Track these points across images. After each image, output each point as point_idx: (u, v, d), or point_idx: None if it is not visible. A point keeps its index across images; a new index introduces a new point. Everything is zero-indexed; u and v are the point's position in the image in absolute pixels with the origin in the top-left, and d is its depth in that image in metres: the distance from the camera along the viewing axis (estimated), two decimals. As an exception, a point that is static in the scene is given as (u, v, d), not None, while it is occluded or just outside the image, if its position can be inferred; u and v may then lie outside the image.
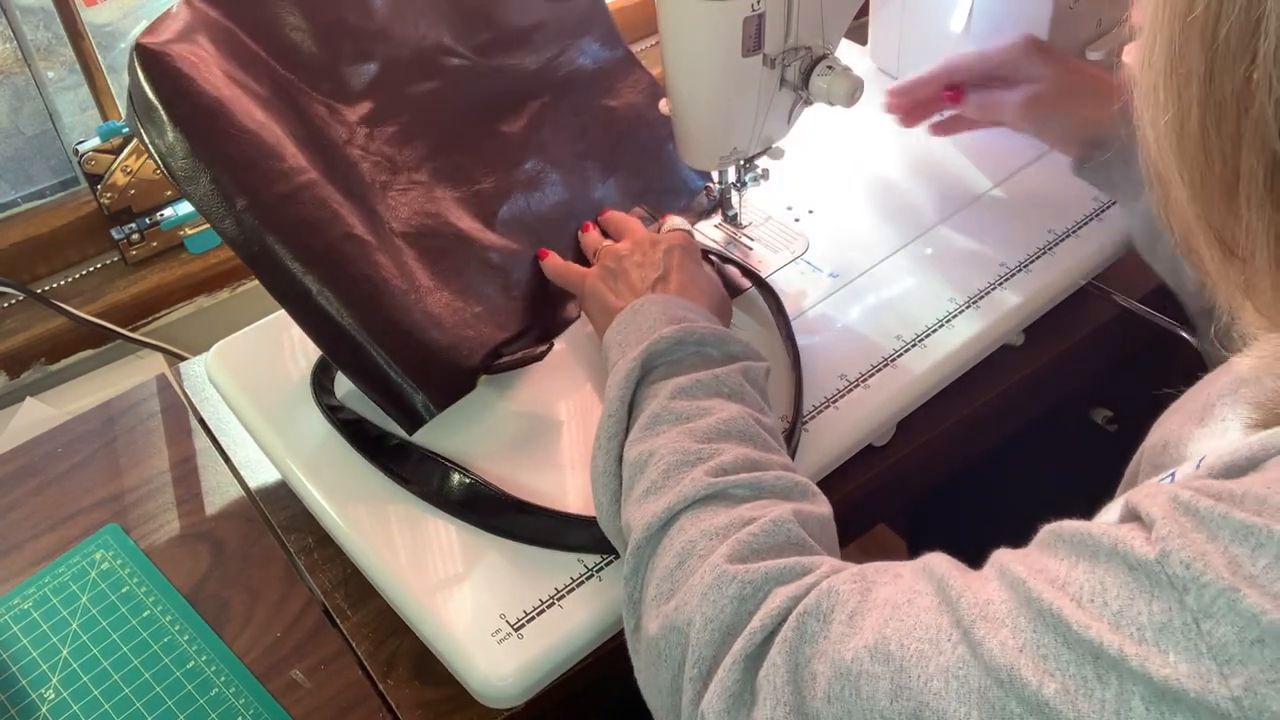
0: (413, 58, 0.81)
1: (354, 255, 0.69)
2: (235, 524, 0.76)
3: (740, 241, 0.86)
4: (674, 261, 0.72)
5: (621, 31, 0.91)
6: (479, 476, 0.69)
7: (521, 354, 0.74)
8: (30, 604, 0.71)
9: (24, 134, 1.01)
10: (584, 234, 0.83)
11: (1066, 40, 0.91)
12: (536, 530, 0.67)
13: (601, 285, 0.73)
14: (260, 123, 0.69)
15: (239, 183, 0.66)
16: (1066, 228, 0.84)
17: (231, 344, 0.81)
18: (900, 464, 0.76)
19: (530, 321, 0.78)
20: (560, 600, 0.64)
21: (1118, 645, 0.36)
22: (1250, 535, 0.35)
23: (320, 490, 0.71)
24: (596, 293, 0.73)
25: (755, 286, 0.81)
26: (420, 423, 0.70)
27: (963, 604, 0.42)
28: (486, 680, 0.61)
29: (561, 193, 0.84)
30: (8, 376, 0.95)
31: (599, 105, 0.89)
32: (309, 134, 0.73)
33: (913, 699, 0.41)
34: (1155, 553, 0.37)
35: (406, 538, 0.68)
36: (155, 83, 0.66)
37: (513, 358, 0.73)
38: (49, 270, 0.99)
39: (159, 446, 0.82)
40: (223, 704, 0.66)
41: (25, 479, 0.80)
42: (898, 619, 0.44)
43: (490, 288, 0.77)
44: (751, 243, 0.86)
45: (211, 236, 1.01)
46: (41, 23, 0.95)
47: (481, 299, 0.76)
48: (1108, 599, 0.37)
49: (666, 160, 0.89)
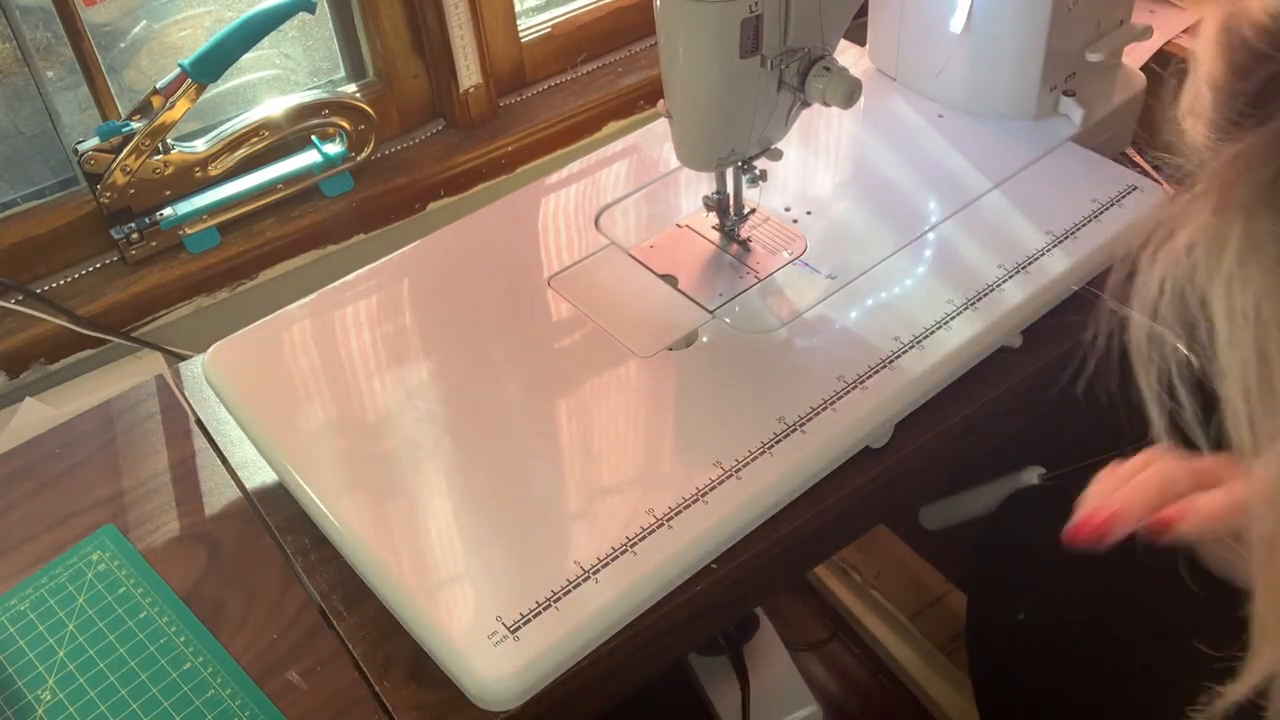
0: None
1: None
2: (232, 525, 0.76)
3: (738, 243, 0.86)
4: None
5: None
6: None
7: None
8: (27, 605, 0.71)
9: (23, 134, 1.01)
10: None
11: (1066, 42, 0.90)
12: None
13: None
14: None
15: None
16: (1065, 229, 0.84)
17: (228, 345, 0.81)
18: (898, 466, 0.76)
19: None
20: (557, 602, 0.64)
21: None
22: None
23: (316, 492, 0.71)
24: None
25: None
26: None
27: None
28: (483, 683, 0.61)
29: None
30: (7, 376, 0.95)
31: None
32: None
33: None
34: None
35: (403, 540, 0.68)
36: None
37: None
38: (48, 270, 0.99)
39: (157, 447, 0.82)
40: (219, 705, 0.66)
41: (22, 480, 0.80)
42: None
43: None
44: (749, 244, 0.86)
45: (211, 236, 1.01)
46: (41, 23, 0.95)
47: None
48: None
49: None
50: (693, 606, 0.68)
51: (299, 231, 1.04)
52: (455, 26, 1.07)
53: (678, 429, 0.74)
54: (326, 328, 0.82)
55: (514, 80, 1.18)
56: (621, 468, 0.71)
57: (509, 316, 0.82)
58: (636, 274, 0.85)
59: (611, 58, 1.22)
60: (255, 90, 1.07)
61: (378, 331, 0.81)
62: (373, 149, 1.07)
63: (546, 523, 0.68)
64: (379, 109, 1.08)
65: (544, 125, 1.15)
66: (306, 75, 1.12)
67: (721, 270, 0.85)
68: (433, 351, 0.80)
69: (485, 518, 0.69)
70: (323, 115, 1.04)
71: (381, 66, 1.10)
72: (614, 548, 0.66)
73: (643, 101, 1.19)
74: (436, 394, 0.76)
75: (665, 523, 0.67)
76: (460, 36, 1.08)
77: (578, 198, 0.93)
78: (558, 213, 0.92)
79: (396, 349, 0.80)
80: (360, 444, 0.73)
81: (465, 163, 1.12)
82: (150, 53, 1.03)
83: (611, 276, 0.85)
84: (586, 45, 1.20)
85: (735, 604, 0.75)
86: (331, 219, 1.06)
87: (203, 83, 0.95)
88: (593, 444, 0.73)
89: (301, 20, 1.05)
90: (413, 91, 1.12)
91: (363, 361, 0.79)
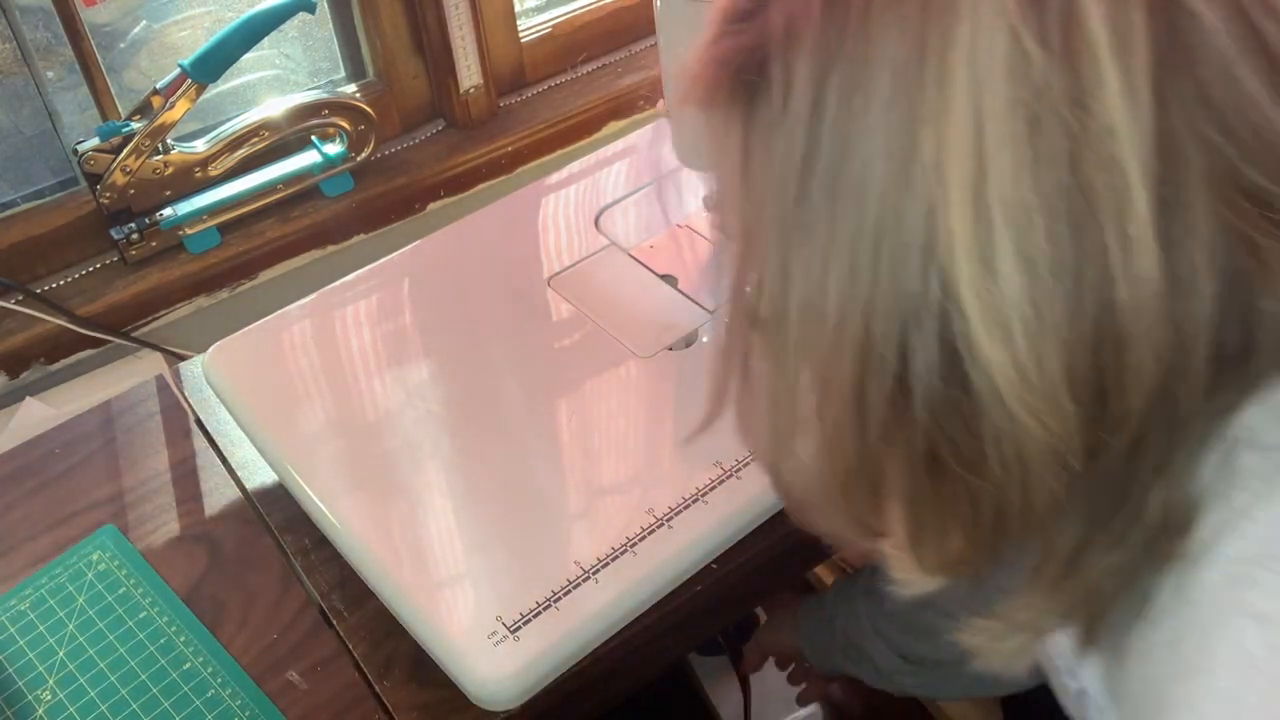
0: None
1: None
2: (233, 525, 0.76)
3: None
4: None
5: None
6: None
7: None
8: (27, 605, 0.71)
9: (23, 134, 1.01)
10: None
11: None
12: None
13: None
14: None
15: None
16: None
17: (228, 345, 0.81)
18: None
19: None
20: (557, 602, 0.64)
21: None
22: None
23: (316, 492, 0.71)
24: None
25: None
26: None
27: None
28: (483, 683, 0.61)
29: None
30: (7, 376, 0.95)
31: None
32: None
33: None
34: None
35: (403, 539, 0.68)
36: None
37: None
38: (48, 270, 0.99)
39: (157, 447, 0.82)
40: (219, 705, 0.66)
41: (23, 480, 0.80)
42: None
43: None
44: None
45: (211, 236, 1.01)
46: (41, 23, 0.95)
47: None
48: None
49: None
50: (693, 606, 0.68)
51: (299, 231, 1.04)
52: (455, 26, 1.07)
53: (678, 429, 0.74)
54: (326, 328, 0.82)
55: (514, 80, 1.18)
56: (621, 468, 0.71)
57: (509, 316, 0.82)
58: (636, 274, 0.85)
59: (611, 58, 1.22)
60: (255, 90, 1.07)
61: (378, 331, 0.81)
62: (373, 149, 1.07)
63: (546, 523, 0.68)
64: (379, 109, 1.08)
65: (544, 125, 1.15)
66: (306, 75, 1.12)
67: (721, 270, 0.85)
68: (433, 351, 0.80)
69: (485, 518, 0.69)
70: (323, 115, 1.03)
71: (381, 66, 1.10)
72: (614, 548, 0.66)
73: (643, 101, 1.19)
74: (436, 394, 0.76)
75: (665, 523, 0.67)
76: (460, 36, 1.08)
77: (578, 198, 0.93)
78: (558, 213, 0.92)
79: (396, 349, 0.80)
80: (360, 444, 0.73)
81: (465, 163, 1.12)
82: (150, 53, 1.03)
83: (611, 276, 0.85)
84: (586, 45, 1.20)
85: (735, 604, 0.76)
86: (331, 219, 1.06)
87: (203, 83, 0.95)
88: (592, 444, 0.73)
89: (301, 20, 1.04)
90: (413, 91, 1.12)
91: (363, 361, 0.79)
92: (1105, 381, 0.36)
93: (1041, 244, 0.34)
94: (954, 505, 0.40)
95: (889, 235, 0.36)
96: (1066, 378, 0.36)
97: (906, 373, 0.37)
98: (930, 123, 0.35)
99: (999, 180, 0.34)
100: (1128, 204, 0.34)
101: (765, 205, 0.39)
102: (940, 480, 0.39)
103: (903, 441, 0.39)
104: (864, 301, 0.37)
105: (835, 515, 0.44)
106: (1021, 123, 0.34)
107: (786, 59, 0.38)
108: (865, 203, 0.36)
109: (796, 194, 0.38)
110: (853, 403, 0.39)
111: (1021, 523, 0.39)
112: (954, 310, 0.35)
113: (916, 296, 0.36)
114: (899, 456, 0.40)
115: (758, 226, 0.40)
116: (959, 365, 0.36)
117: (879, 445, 0.39)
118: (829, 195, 0.37)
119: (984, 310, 0.35)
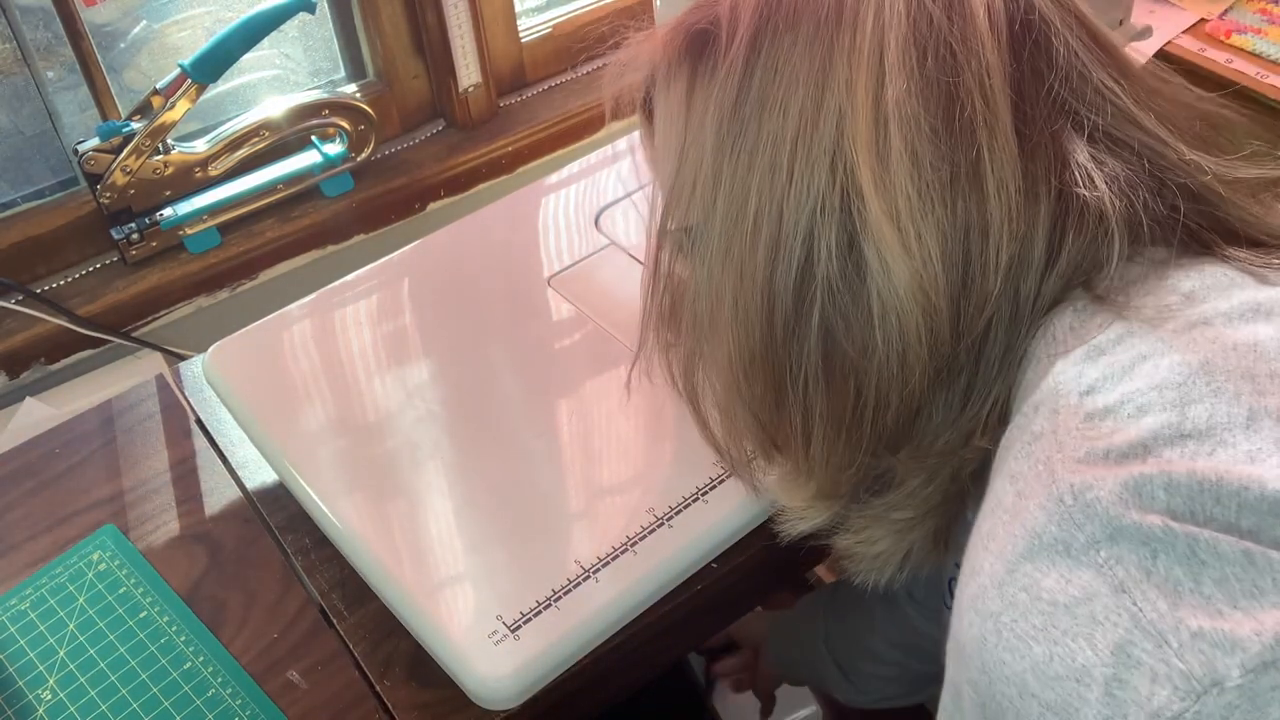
0: None
1: None
2: (233, 525, 0.76)
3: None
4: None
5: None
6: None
7: None
8: (27, 605, 0.71)
9: (23, 134, 1.01)
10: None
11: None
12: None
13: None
14: None
15: None
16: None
17: (228, 344, 0.81)
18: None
19: None
20: (557, 601, 0.64)
21: None
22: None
23: (316, 491, 0.71)
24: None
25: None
26: None
27: None
28: (483, 682, 0.61)
29: None
30: (7, 376, 0.95)
31: None
32: None
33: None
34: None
35: (403, 539, 0.68)
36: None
37: None
38: (48, 270, 0.99)
39: (157, 447, 0.82)
40: (219, 705, 0.66)
41: (23, 479, 0.80)
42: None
43: None
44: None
45: (211, 236, 1.01)
46: (41, 23, 0.95)
47: None
48: None
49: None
50: (693, 606, 0.68)
51: (299, 231, 1.04)
52: (455, 26, 1.07)
53: (678, 429, 0.74)
54: (326, 328, 0.82)
55: (514, 80, 1.18)
56: (621, 467, 0.71)
57: (509, 316, 0.82)
58: (636, 274, 0.85)
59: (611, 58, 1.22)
60: (255, 90, 1.08)
61: (378, 331, 0.81)
62: (373, 149, 1.07)
63: (547, 522, 0.68)
64: (379, 109, 1.08)
65: (544, 125, 1.15)
66: (306, 75, 1.12)
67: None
68: (432, 351, 0.80)
69: (485, 517, 0.69)
70: (323, 115, 1.04)
71: (381, 66, 1.10)
72: (614, 547, 0.66)
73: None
74: (436, 394, 0.76)
75: (665, 522, 0.67)
76: (460, 36, 1.08)
77: (578, 198, 0.93)
78: (558, 213, 0.92)
79: (396, 349, 0.80)
80: (360, 444, 0.73)
81: (465, 163, 1.12)
82: (150, 53, 1.03)
83: (611, 276, 0.85)
84: (586, 45, 1.21)
85: (735, 604, 0.76)
86: (331, 219, 1.06)
87: (203, 83, 0.95)
88: (593, 443, 0.73)
89: (301, 20, 1.05)
90: (413, 91, 1.12)
91: (363, 361, 0.79)
92: (970, 264, 0.44)
93: (925, 144, 0.44)
94: (842, 404, 0.47)
95: (805, 138, 0.45)
96: (941, 254, 0.44)
97: (810, 260, 0.45)
98: (844, 53, 0.45)
99: (895, 94, 0.44)
100: (995, 119, 0.44)
101: (704, 127, 0.48)
102: (831, 377, 0.47)
103: (803, 335, 0.46)
104: (779, 197, 0.45)
105: (740, 416, 0.52)
106: (914, 53, 0.44)
107: (734, 14, 0.48)
108: (788, 115, 0.45)
109: (733, 112, 0.47)
110: (763, 289, 0.47)
111: (898, 408, 0.47)
112: (854, 195, 0.44)
113: (824, 189, 0.44)
114: (799, 352, 0.47)
115: (695, 146, 0.49)
116: (855, 246, 0.45)
117: (783, 336, 0.47)
118: (759, 110, 0.46)
119: (879, 193, 0.44)
